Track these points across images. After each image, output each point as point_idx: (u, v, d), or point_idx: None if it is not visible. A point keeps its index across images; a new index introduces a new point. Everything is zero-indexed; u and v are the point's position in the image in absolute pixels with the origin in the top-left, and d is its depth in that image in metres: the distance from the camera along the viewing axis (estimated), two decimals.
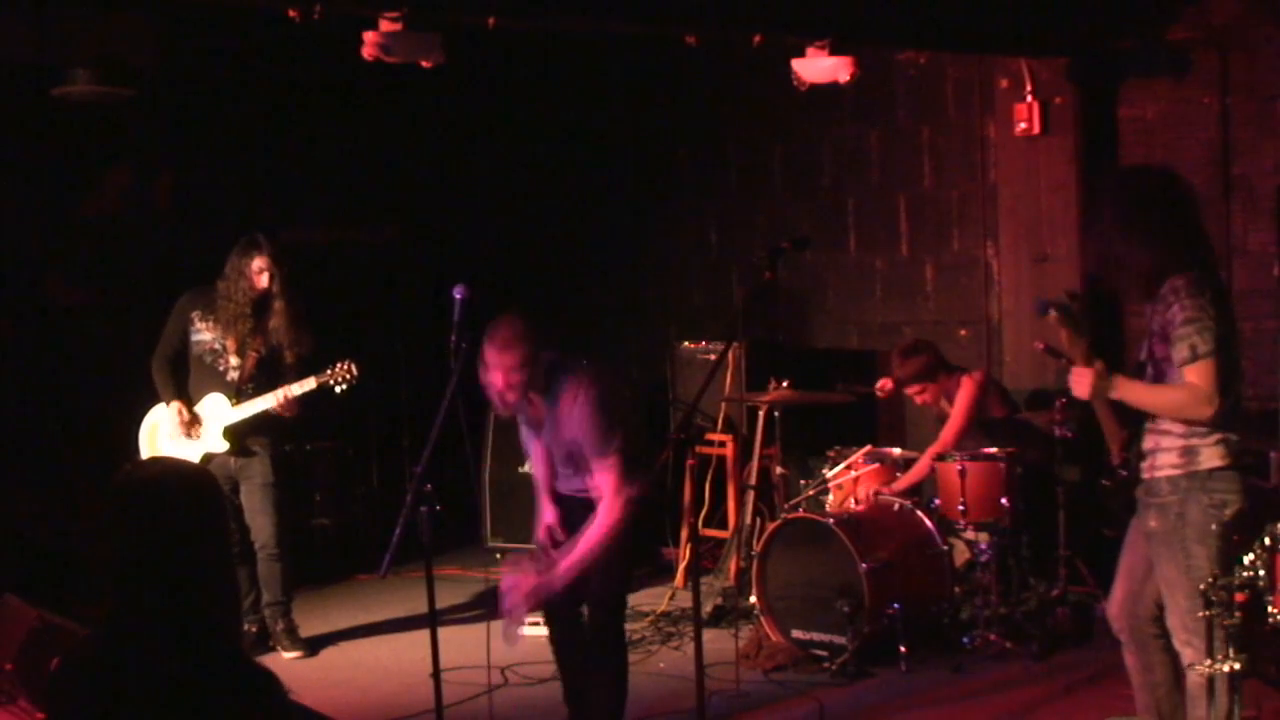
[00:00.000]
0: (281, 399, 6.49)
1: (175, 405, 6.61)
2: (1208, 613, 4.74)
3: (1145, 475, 4.49)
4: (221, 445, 6.61)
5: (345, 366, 6.48)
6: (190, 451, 6.57)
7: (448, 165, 9.54)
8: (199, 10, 7.34)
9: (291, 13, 5.14)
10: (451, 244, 9.12)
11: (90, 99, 7.05)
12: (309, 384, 6.50)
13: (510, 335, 4.95)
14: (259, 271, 6.54)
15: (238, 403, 6.57)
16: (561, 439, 5.08)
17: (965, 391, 6.84)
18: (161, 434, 6.70)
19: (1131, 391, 4.42)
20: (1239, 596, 4.72)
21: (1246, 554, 4.79)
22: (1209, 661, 4.74)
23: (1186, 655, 4.50)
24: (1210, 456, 4.39)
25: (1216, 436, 4.38)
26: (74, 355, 8.09)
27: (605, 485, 4.95)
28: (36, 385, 7.98)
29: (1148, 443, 4.47)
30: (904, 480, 6.79)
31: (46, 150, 8.04)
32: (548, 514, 5.31)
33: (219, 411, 6.60)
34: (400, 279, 9.27)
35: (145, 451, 6.71)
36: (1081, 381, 4.38)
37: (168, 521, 2.57)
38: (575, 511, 5.22)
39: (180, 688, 2.50)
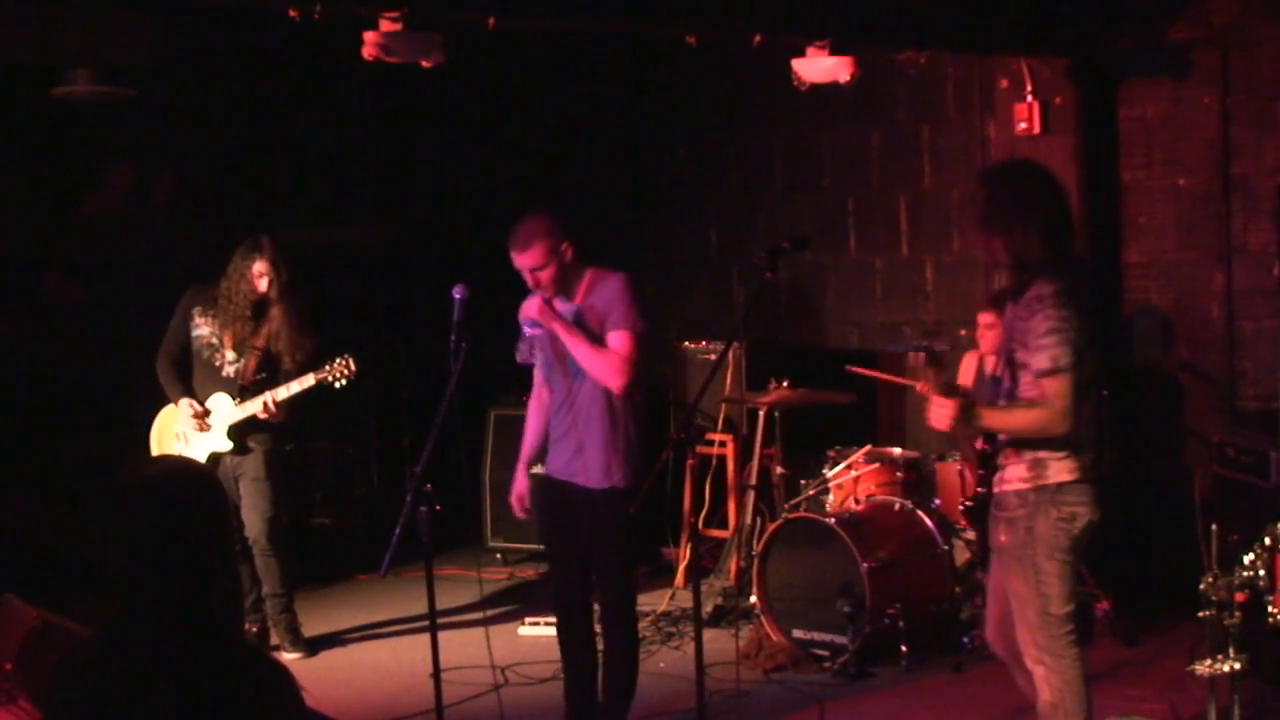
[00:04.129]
0: (266, 405, 6.50)
1: (184, 401, 6.62)
2: (1208, 613, 4.75)
3: (995, 489, 4.41)
4: (226, 444, 6.62)
5: (344, 362, 6.48)
6: (197, 451, 6.58)
7: (448, 165, 9.54)
8: (199, 10, 7.33)
9: (291, 13, 5.13)
10: (451, 244, 9.12)
11: (90, 99, 7.04)
12: (308, 381, 6.50)
13: (532, 230, 5.06)
14: (259, 275, 6.55)
15: (241, 402, 6.58)
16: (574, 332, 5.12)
17: None
18: (169, 434, 6.71)
19: (994, 419, 4.36)
20: (1239, 596, 4.71)
21: (1246, 554, 4.79)
22: (1209, 661, 4.74)
23: (1037, 674, 4.42)
24: (1059, 470, 4.32)
25: (1067, 451, 4.32)
26: (74, 355, 8.09)
27: (618, 348, 5.03)
28: (36, 385, 7.98)
29: (999, 457, 4.41)
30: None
31: (46, 150, 8.04)
32: (520, 483, 5.45)
33: (223, 410, 6.60)
34: (400, 279, 9.27)
35: (154, 450, 6.73)
36: (941, 414, 4.30)
37: (171, 519, 2.57)
38: (551, 495, 5.31)
39: (189, 685, 2.50)
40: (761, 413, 7.34)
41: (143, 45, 6.89)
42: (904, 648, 6.22)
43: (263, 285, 6.56)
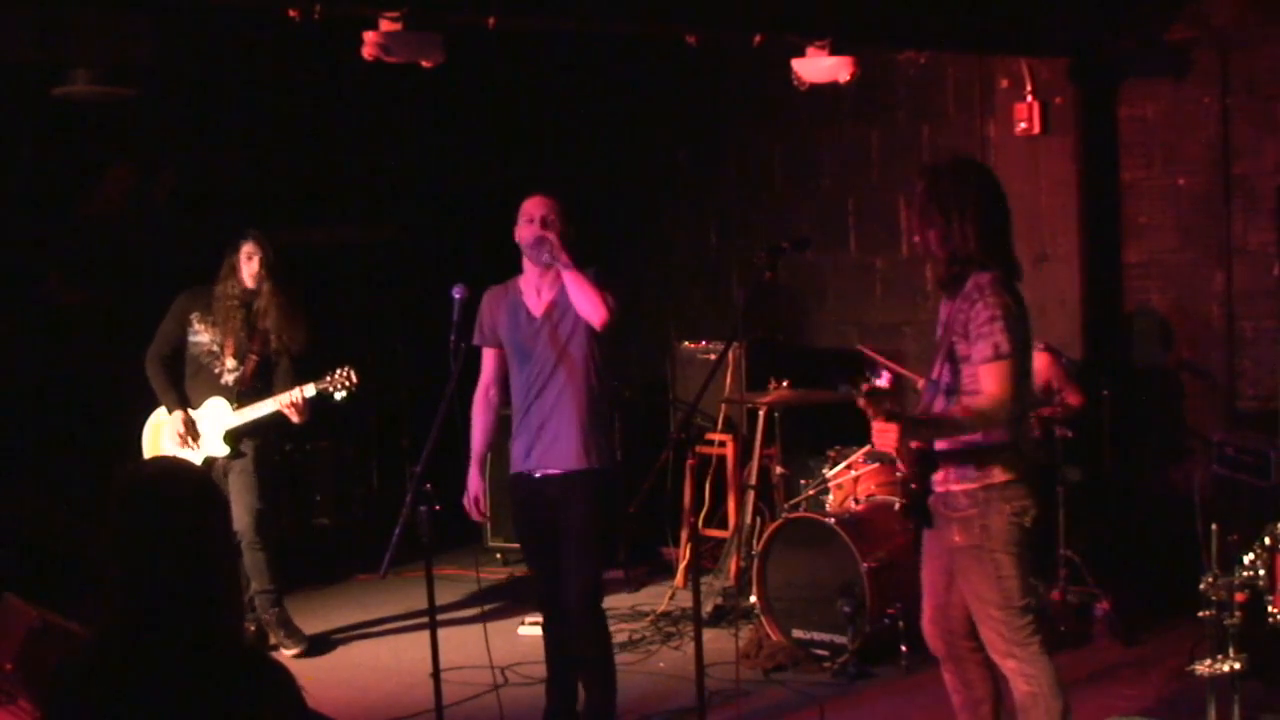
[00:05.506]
0: (293, 401, 6.48)
1: (178, 415, 6.61)
2: (1208, 613, 4.74)
3: (939, 488, 4.40)
4: (222, 449, 6.61)
5: (345, 373, 6.47)
6: (192, 455, 6.56)
7: (448, 165, 9.54)
8: (200, 10, 7.34)
9: (291, 13, 5.14)
10: (451, 244, 9.12)
11: (90, 99, 7.05)
12: (309, 390, 6.50)
13: (551, 197, 5.24)
14: (248, 257, 6.55)
15: (238, 407, 6.57)
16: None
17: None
18: (164, 435, 6.70)
19: (937, 431, 4.36)
20: (1239, 596, 4.71)
21: (1246, 554, 4.79)
22: (1209, 661, 4.74)
23: (1009, 668, 4.41)
24: (1005, 470, 4.32)
25: (1010, 450, 4.33)
26: (74, 355, 8.09)
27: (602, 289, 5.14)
28: (36, 385, 7.98)
29: (941, 455, 4.40)
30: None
31: (46, 150, 8.04)
32: (474, 485, 5.43)
33: (220, 416, 6.60)
34: (400, 279, 9.27)
35: (148, 452, 6.71)
36: (886, 438, 4.28)
37: (170, 520, 2.57)
38: (527, 494, 5.28)
39: (187, 685, 2.51)
40: (761, 413, 7.34)
41: (143, 45, 6.89)
42: (904, 648, 6.22)
43: (253, 266, 6.55)
